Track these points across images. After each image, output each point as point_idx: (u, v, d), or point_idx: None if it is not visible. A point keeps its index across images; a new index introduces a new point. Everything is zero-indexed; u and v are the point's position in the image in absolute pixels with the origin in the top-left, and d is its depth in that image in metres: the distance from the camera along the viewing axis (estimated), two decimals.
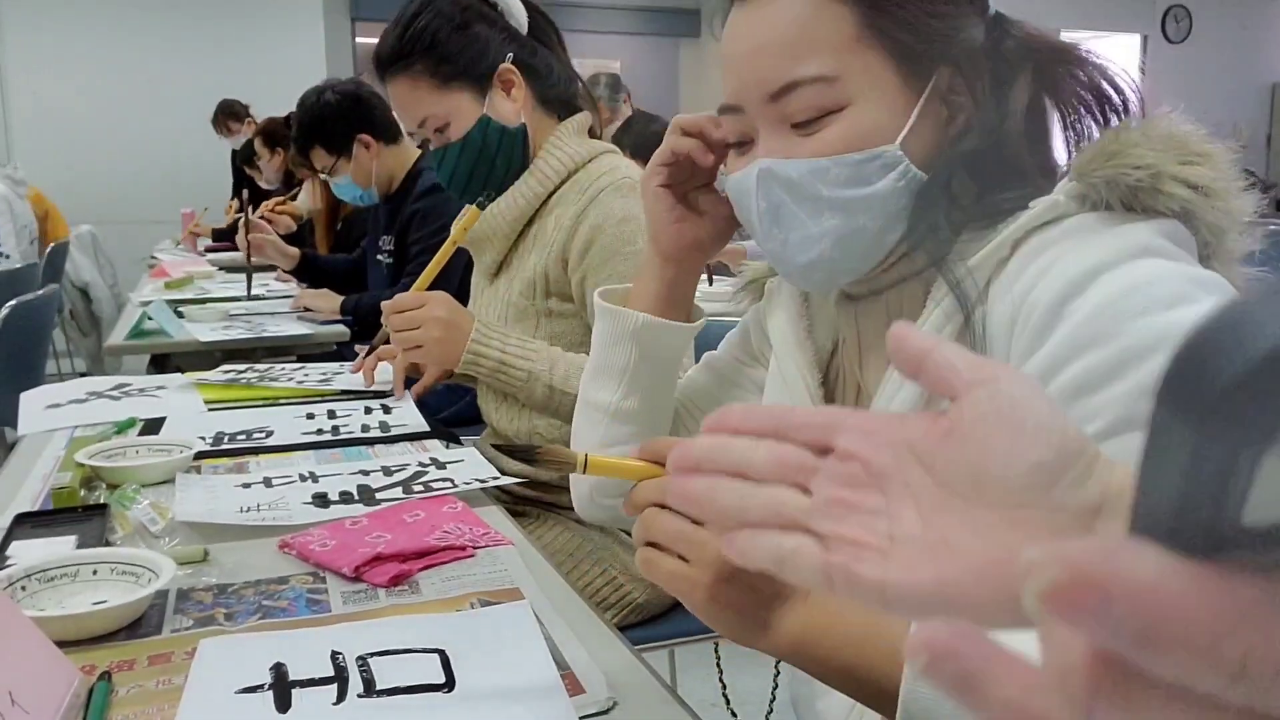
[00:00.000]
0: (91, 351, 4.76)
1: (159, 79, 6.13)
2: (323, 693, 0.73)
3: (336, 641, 0.80)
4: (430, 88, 1.43)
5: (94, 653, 0.79)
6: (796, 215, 0.75)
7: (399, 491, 1.17)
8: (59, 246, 4.50)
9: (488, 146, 1.45)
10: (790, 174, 0.74)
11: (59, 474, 1.25)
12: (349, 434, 1.43)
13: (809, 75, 0.72)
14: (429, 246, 2.39)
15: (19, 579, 0.86)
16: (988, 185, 0.73)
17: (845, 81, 0.72)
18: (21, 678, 0.65)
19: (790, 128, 0.74)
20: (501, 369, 1.32)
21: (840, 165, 0.72)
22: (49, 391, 1.70)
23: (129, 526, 1.05)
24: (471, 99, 1.44)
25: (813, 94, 0.72)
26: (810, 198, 0.74)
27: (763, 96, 0.74)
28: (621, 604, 1.42)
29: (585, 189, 1.41)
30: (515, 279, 1.48)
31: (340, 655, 0.78)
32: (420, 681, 0.74)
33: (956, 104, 0.75)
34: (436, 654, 0.78)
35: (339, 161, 2.52)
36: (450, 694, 0.73)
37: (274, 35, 6.35)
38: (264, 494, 1.16)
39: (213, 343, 2.36)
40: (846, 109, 0.72)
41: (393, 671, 0.75)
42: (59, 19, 5.96)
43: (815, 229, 0.74)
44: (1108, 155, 0.68)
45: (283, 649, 0.79)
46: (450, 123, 1.45)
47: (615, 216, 1.38)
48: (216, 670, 0.76)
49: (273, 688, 0.73)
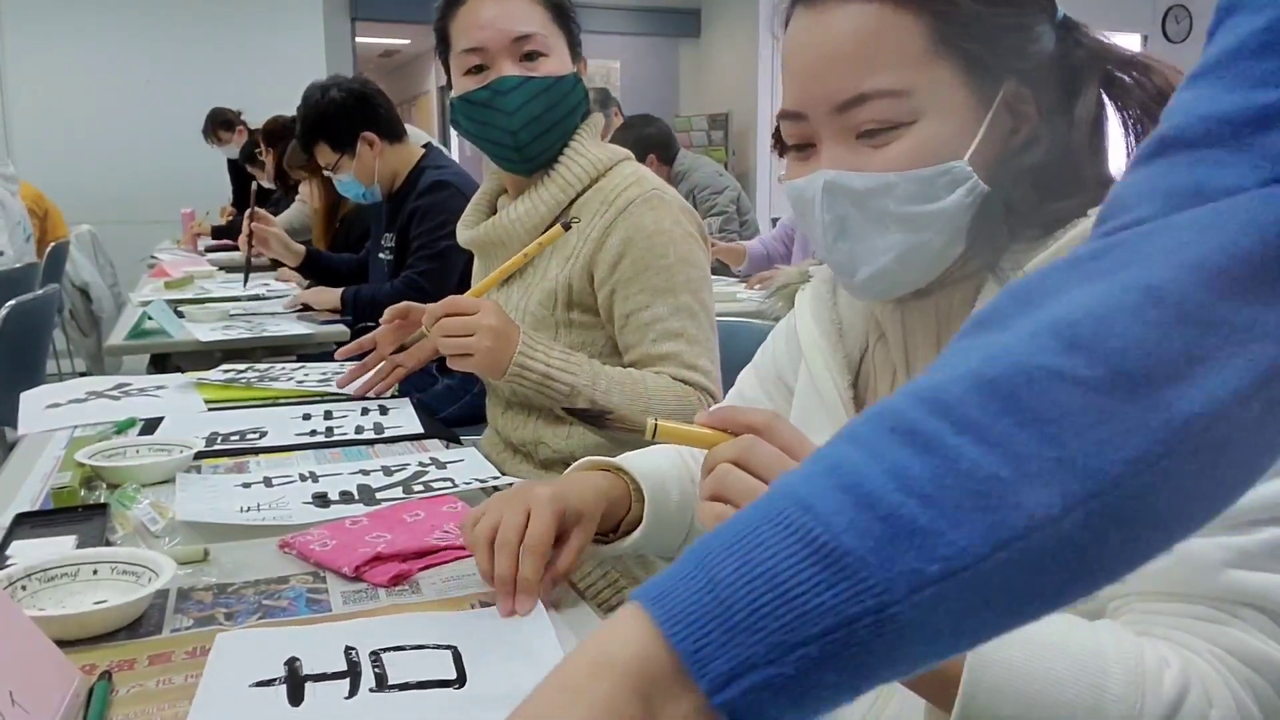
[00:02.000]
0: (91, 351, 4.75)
1: (159, 79, 6.12)
2: (335, 687, 0.73)
3: (350, 637, 0.80)
4: (545, 17, 1.40)
5: (94, 652, 0.79)
6: (862, 228, 0.74)
7: (399, 491, 1.17)
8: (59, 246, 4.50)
9: (569, 100, 1.41)
10: (856, 187, 0.73)
11: (59, 474, 1.25)
12: (343, 435, 1.43)
13: (879, 89, 0.71)
14: (429, 243, 2.39)
15: (19, 579, 0.86)
16: (1048, 195, 0.72)
17: (915, 95, 0.71)
18: (21, 677, 0.65)
19: (856, 138, 0.73)
20: (546, 382, 1.30)
21: (908, 181, 0.72)
22: (49, 391, 1.70)
23: (129, 526, 1.05)
24: (567, 54, 1.42)
25: (882, 107, 0.71)
26: (876, 212, 0.73)
27: (830, 107, 0.73)
28: (620, 605, 1.42)
29: (611, 200, 1.39)
30: (534, 287, 1.45)
31: (354, 650, 0.78)
32: (432, 677, 0.74)
33: (1022, 114, 0.74)
34: (449, 650, 0.78)
35: (343, 159, 2.52)
36: (461, 690, 0.73)
37: (274, 35, 6.34)
38: (264, 494, 1.16)
39: (212, 342, 2.36)
40: (916, 123, 0.71)
41: (405, 667, 0.76)
42: (59, 19, 5.96)
43: (880, 243, 0.74)
44: None
45: (297, 644, 0.79)
46: (549, 55, 1.40)
47: (646, 230, 1.36)
48: (231, 664, 0.76)
49: (286, 681, 0.74)
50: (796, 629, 0.37)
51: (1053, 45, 0.74)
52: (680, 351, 1.35)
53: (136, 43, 6.11)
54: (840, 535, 0.38)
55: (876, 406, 0.43)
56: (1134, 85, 0.74)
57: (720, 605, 0.38)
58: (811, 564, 0.38)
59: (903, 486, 0.39)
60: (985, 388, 0.40)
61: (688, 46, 8.09)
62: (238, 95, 5.64)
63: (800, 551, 0.38)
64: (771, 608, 0.38)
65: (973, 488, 0.39)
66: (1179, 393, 0.38)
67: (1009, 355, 0.41)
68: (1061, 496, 0.38)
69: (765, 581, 0.38)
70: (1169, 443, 0.38)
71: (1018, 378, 0.40)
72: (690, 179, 4.09)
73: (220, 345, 2.36)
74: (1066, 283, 0.42)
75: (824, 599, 0.38)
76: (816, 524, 0.39)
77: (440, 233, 2.36)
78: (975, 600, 0.39)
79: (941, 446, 0.39)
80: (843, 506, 0.39)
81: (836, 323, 0.88)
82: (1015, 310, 0.43)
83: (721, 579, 0.39)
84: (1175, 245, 0.40)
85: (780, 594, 0.38)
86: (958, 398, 0.40)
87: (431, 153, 2.56)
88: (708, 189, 4.11)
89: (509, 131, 1.39)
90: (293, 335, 2.47)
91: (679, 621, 0.39)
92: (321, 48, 6.40)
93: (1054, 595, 0.40)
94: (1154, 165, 0.43)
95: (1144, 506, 0.39)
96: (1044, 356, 0.40)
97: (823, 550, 0.38)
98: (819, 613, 0.37)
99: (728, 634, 0.38)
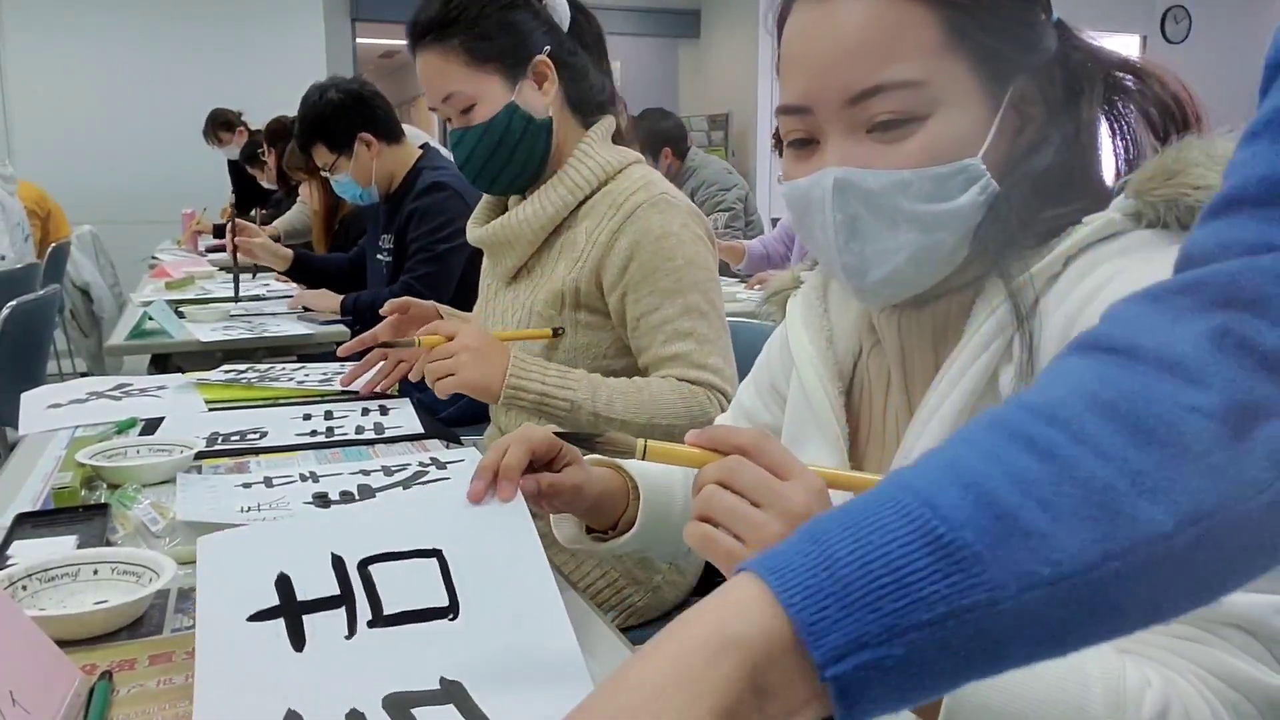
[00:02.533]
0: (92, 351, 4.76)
1: (160, 79, 6.13)
2: (333, 620, 0.74)
3: (334, 540, 0.79)
4: (463, 64, 1.40)
5: (95, 652, 0.79)
6: (874, 228, 0.72)
7: (399, 491, 1.17)
8: (60, 247, 4.50)
9: (510, 134, 1.42)
10: (870, 185, 0.70)
11: (60, 474, 1.25)
12: (344, 435, 1.43)
13: (896, 80, 0.68)
14: (427, 244, 2.39)
15: (20, 578, 0.86)
16: (1048, 200, 0.71)
17: (931, 88, 0.69)
18: (22, 677, 0.65)
19: (866, 133, 0.71)
20: (544, 400, 1.31)
21: (923, 179, 0.69)
22: (50, 391, 1.70)
23: (130, 526, 1.05)
24: (502, 84, 1.41)
25: (898, 99, 0.69)
26: (889, 210, 0.71)
27: (841, 100, 0.70)
28: (620, 606, 1.42)
29: (620, 204, 1.39)
30: (540, 288, 1.45)
31: (341, 562, 0.78)
32: (424, 605, 0.76)
33: (1028, 115, 0.73)
34: (434, 557, 0.79)
35: (340, 159, 2.52)
36: (455, 621, 0.75)
37: (274, 35, 6.35)
38: (265, 494, 1.16)
39: (213, 343, 2.36)
40: (930, 118, 0.69)
41: (396, 588, 0.76)
42: (60, 19, 5.96)
43: (892, 243, 0.72)
44: (1168, 174, 0.66)
45: (280, 554, 0.78)
46: (477, 104, 1.41)
47: (654, 233, 1.36)
48: (222, 580, 0.76)
49: (283, 614, 0.74)
50: (909, 614, 0.39)
51: (1055, 45, 0.73)
52: (689, 351, 1.35)
53: (137, 43, 6.11)
54: (958, 530, 0.40)
55: (989, 414, 0.45)
56: (1135, 90, 0.74)
57: (838, 583, 0.39)
58: (927, 553, 0.40)
59: (1021, 489, 0.41)
60: (1104, 408, 0.42)
61: (688, 47, 8.09)
62: (238, 96, 5.64)
63: (916, 540, 0.40)
64: (886, 590, 0.39)
65: (1089, 497, 0.40)
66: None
67: (1124, 380, 0.43)
68: (1173, 515, 0.40)
69: (881, 565, 0.40)
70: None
71: (1134, 401, 0.42)
72: (699, 175, 4.09)
73: (221, 345, 2.37)
74: (1166, 312, 0.45)
75: (938, 588, 0.39)
76: (934, 516, 0.40)
77: (438, 235, 2.36)
78: (1081, 606, 0.40)
79: (1060, 455, 0.41)
80: (961, 503, 0.41)
81: (827, 330, 0.87)
82: (1122, 336, 0.45)
83: (839, 558, 0.40)
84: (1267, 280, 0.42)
85: (896, 578, 0.39)
86: (1075, 413, 0.42)
87: (429, 153, 2.56)
88: (716, 185, 4.11)
89: (473, 174, 1.47)
90: (293, 335, 2.47)
91: (797, 593, 0.40)
92: (322, 48, 6.40)
93: (1156, 609, 0.43)
94: (1222, 220, 0.46)
95: (1254, 529, 0.41)
96: (1156, 384, 0.42)
97: (939, 542, 0.40)
98: (932, 600, 0.39)
99: (845, 610, 0.39)
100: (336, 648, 0.72)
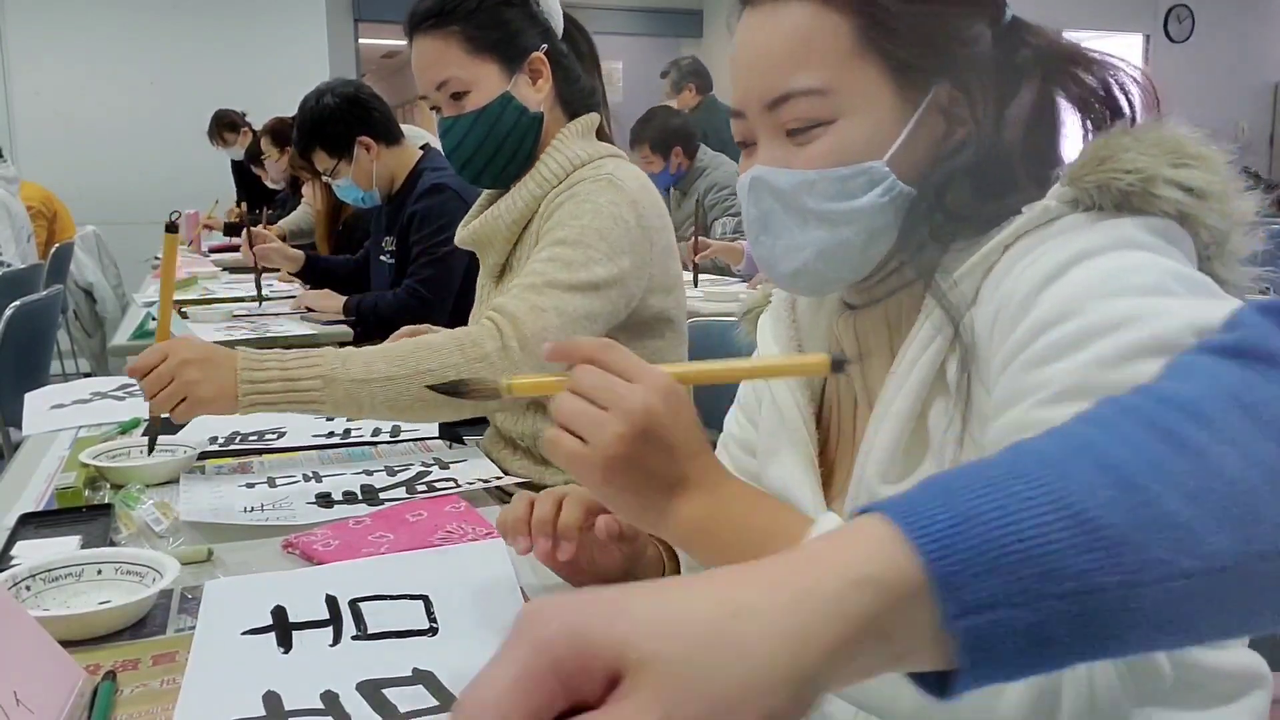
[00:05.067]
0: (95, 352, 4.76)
1: (163, 80, 6.13)
2: (320, 634, 0.80)
3: (331, 585, 0.87)
4: (461, 52, 1.41)
5: (98, 652, 0.79)
6: (784, 224, 0.76)
7: (402, 491, 1.17)
8: (63, 247, 4.50)
9: (502, 123, 1.43)
10: (779, 184, 0.75)
11: (63, 474, 1.25)
12: (359, 436, 1.44)
13: (801, 87, 0.73)
14: (429, 247, 2.39)
15: (24, 579, 0.86)
16: (984, 195, 0.73)
17: (837, 94, 0.73)
18: (26, 677, 0.65)
19: (786, 136, 0.75)
20: (291, 387, 1.18)
21: (826, 179, 0.74)
22: (53, 392, 1.71)
23: (133, 526, 1.05)
24: (499, 73, 1.42)
25: (805, 106, 0.73)
26: (797, 208, 0.75)
27: (761, 105, 0.75)
28: None
29: (573, 185, 1.40)
30: None
31: (335, 599, 0.85)
32: (407, 627, 0.81)
33: (956, 117, 0.74)
34: (420, 600, 0.85)
35: (340, 163, 2.52)
36: (434, 638, 0.80)
37: (277, 36, 6.35)
38: (268, 494, 1.17)
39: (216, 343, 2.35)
40: (837, 122, 0.73)
41: (381, 614, 0.83)
42: (63, 20, 5.97)
43: (801, 238, 0.76)
44: (1098, 160, 0.67)
45: (282, 592, 0.86)
46: (471, 91, 1.42)
47: (578, 199, 1.36)
48: (223, 612, 0.83)
49: (275, 629, 0.80)
50: (1043, 582, 0.39)
51: (990, 47, 0.74)
52: (521, 289, 1.29)
53: (140, 44, 6.12)
54: (1100, 509, 0.40)
55: (1115, 403, 0.45)
56: (1073, 82, 0.74)
57: (978, 538, 0.39)
58: (1066, 528, 0.39)
59: (1165, 480, 0.41)
60: (1247, 411, 0.43)
61: (689, 47, 8.08)
62: (241, 96, 5.65)
63: (1053, 513, 0.39)
64: (1022, 555, 0.39)
65: (1235, 497, 0.41)
66: None
67: (1266, 388, 0.44)
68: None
69: (1015, 530, 0.39)
70: None
71: (1275, 405, 0.43)
72: (710, 177, 4.06)
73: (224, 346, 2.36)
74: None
75: (1075, 563, 0.39)
76: (1072, 493, 0.40)
77: (439, 238, 2.36)
78: (1216, 602, 0.41)
79: (1204, 452, 0.42)
80: (1101, 483, 0.40)
81: (796, 341, 0.88)
82: (1260, 343, 0.46)
83: (975, 515, 0.40)
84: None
85: (1031, 545, 0.39)
86: (1218, 412, 0.43)
87: (430, 154, 2.56)
88: (726, 190, 4.09)
89: (460, 163, 1.47)
90: (296, 336, 2.47)
91: (935, 543, 0.39)
92: (325, 49, 6.41)
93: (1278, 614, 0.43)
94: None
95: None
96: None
97: (1080, 518, 0.39)
98: (1068, 574, 0.39)
99: (985, 566, 0.39)
100: (320, 651, 0.78)
